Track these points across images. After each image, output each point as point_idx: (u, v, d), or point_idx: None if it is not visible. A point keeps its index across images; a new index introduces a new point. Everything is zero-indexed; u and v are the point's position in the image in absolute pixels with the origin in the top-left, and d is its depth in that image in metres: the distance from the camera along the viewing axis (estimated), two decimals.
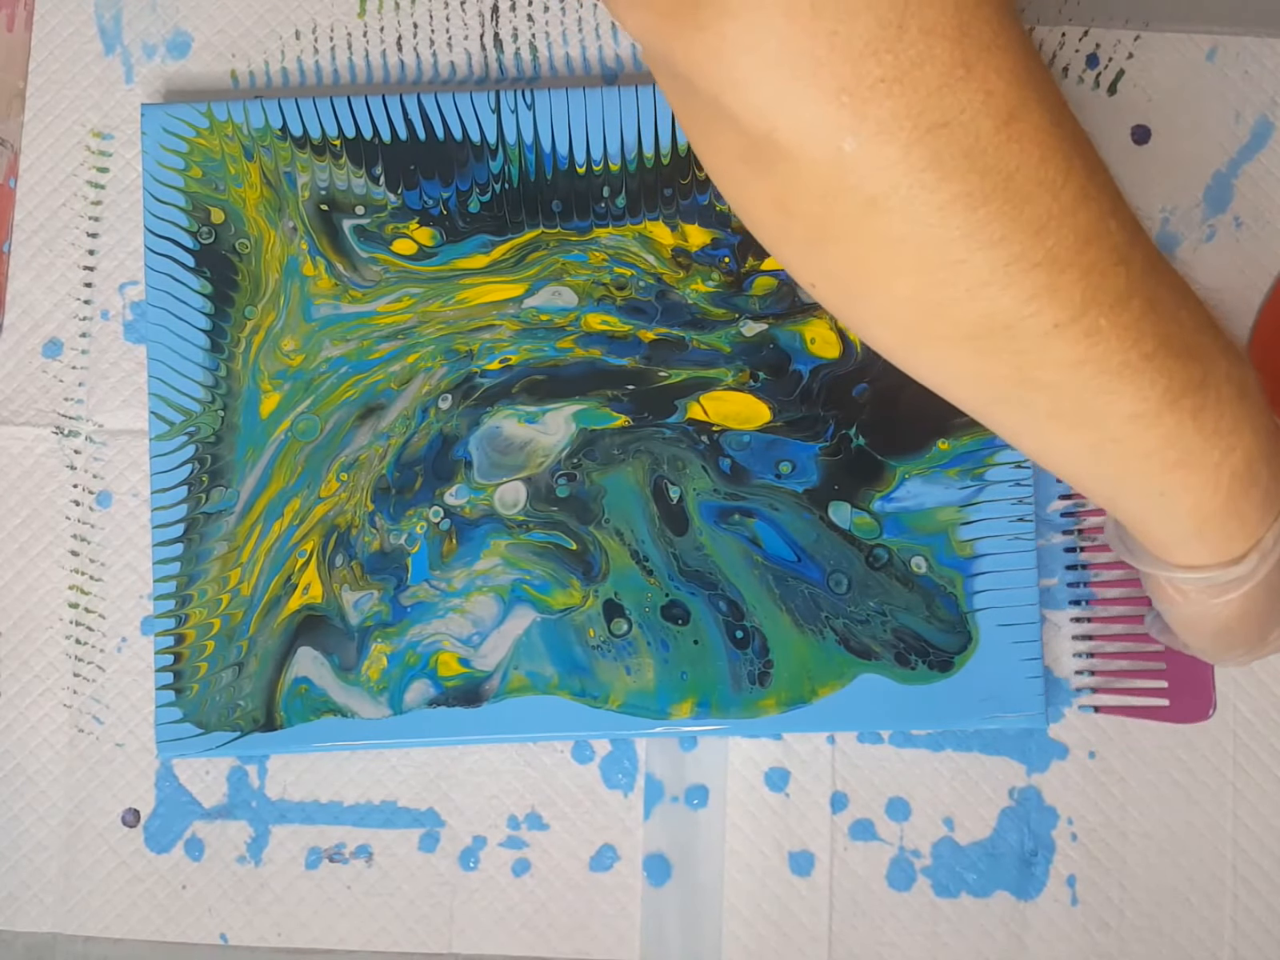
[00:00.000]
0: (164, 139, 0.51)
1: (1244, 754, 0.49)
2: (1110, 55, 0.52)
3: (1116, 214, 0.32)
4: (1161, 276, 0.33)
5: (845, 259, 0.33)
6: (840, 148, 0.30)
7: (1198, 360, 0.34)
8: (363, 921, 0.49)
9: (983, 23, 0.30)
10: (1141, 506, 0.37)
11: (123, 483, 0.51)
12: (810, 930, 0.48)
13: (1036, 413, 0.35)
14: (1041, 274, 0.31)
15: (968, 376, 0.35)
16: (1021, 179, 0.31)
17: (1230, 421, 0.34)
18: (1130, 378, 0.33)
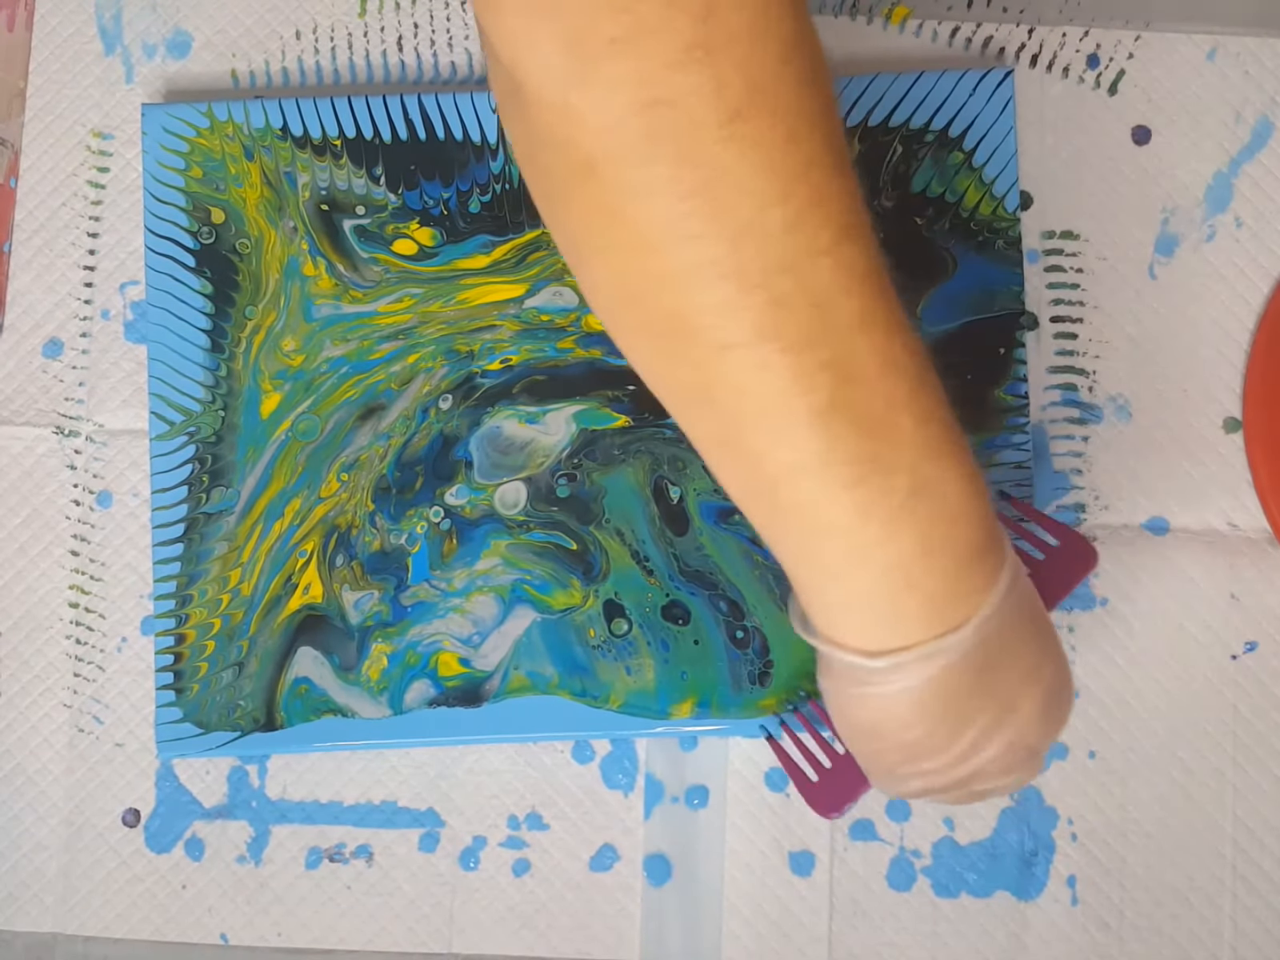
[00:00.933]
0: (164, 139, 0.51)
1: (1244, 754, 0.49)
2: (1111, 55, 0.52)
3: (835, 253, 0.31)
4: (875, 341, 0.32)
5: (568, 222, 0.33)
6: (568, 98, 0.29)
7: (873, 436, 0.32)
8: (363, 921, 0.49)
9: (736, 11, 0.29)
10: (792, 563, 0.35)
11: (123, 483, 0.51)
12: (810, 930, 0.48)
13: (709, 433, 0.34)
14: (728, 287, 0.30)
15: (654, 374, 0.34)
16: (732, 182, 0.30)
17: (890, 513, 0.32)
18: (792, 425, 0.31)
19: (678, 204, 0.30)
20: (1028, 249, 0.51)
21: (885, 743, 0.36)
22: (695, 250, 0.30)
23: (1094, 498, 0.50)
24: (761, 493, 0.34)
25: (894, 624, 0.34)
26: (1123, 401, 0.50)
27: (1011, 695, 0.36)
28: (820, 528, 0.33)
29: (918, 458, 0.33)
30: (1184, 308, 0.51)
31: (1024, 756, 0.37)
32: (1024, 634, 0.36)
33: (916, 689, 0.35)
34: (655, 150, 0.29)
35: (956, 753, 0.36)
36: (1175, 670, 0.49)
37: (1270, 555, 0.50)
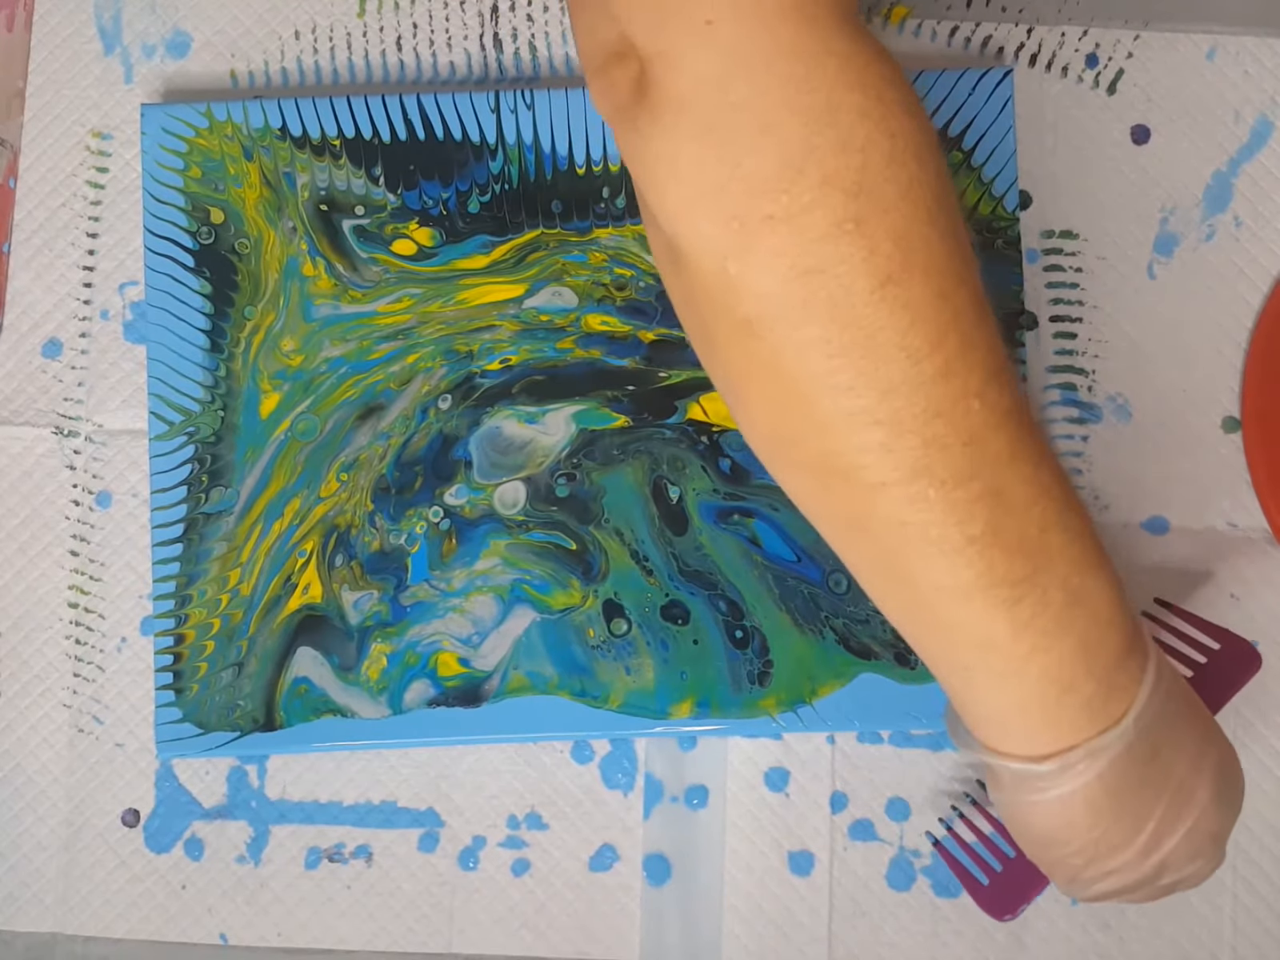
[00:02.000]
0: (163, 139, 0.51)
1: (1244, 754, 0.48)
2: (1110, 55, 0.52)
3: (984, 396, 0.32)
4: (1024, 471, 0.33)
5: (725, 369, 0.35)
6: (726, 268, 0.32)
7: (1029, 557, 0.33)
8: (362, 921, 0.49)
9: (885, 183, 0.31)
10: (952, 678, 0.37)
11: (122, 483, 0.51)
12: (810, 930, 0.48)
13: (865, 557, 0.36)
14: (880, 432, 0.32)
15: (809, 505, 0.36)
16: (884, 340, 0.31)
17: (1046, 626, 0.34)
18: (947, 553, 0.33)
19: (830, 361, 0.32)
20: (1027, 248, 0.51)
21: (1067, 848, 0.37)
22: (848, 400, 0.32)
23: (1094, 497, 0.50)
24: (920, 614, 0.36)
25: (1055, 728, 0.35)
26: (1122, 401, 0.50)
27: (1182, 784, 0.37)
28: (979, 644, 0.35)
29: (1069, 572, 0.34)
30: (1183, 307, 0.51)
31: (1206, 843, 0.38)
32: (1183, 721, 0.37)
33: (1087, 788, 0.36)
34: (809, 315, 0.31)
35: (1139, 848, 0.37)
36: None
37: (1270, 555, 0.50)
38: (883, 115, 0.31)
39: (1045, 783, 0.36)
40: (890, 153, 0.31)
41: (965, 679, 0.36)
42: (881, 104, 0.31)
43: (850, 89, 0.31)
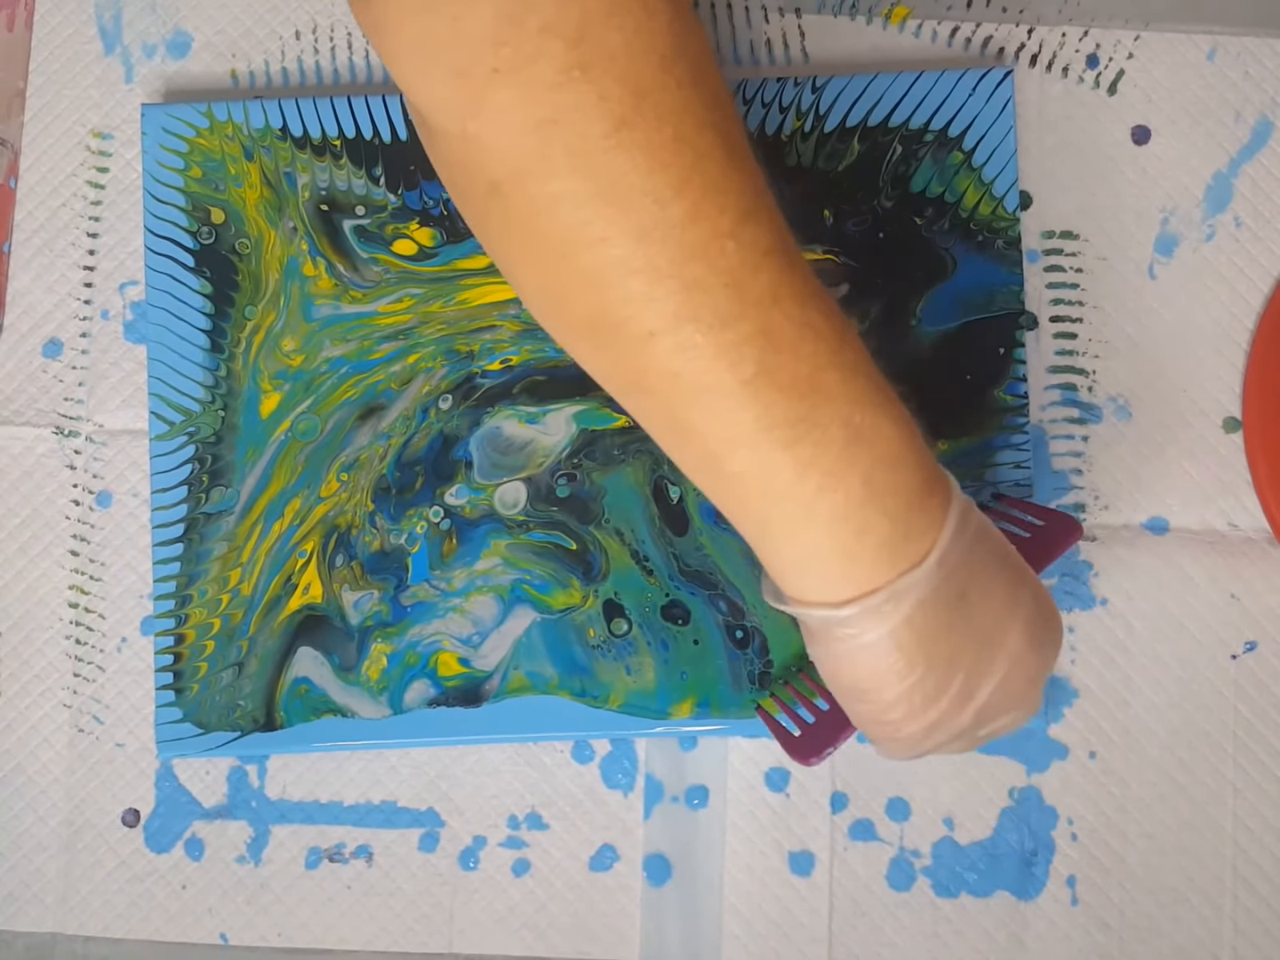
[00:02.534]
0: (164, 139, 0.51)
1: (1244, 754, 0.49)
2: (1110, 55, 0.52)
3: (738, 236, 0.33)
4: (790, 310, 0.33)
5: (487, 235, 0.35)
6: (464, 128, 0.32)
7: (804, 396, 0.34)
8: (363, 921, 0.49)
9: (610, 30, 0.31)
10: (749, 530, 0.37)
11: (123, 483, 0.51)
12: (810, 930, 0.48)
13: (653, 418, 0.36)
14: (639, 280, 0.32)
15: (593, 369, 0.37)
16: (627, 185, 0.32)
17: (829, 465, 0.34)
18: (723, 398, 0.33)
19: (579, 212, 0.32)
20: (1027, 249, 0.51)
21: (882, 699, 0.37)
22: (603, 251, 0.32)
23: (1094, 497, 0.50)
24: (709, 468, 0.36)
25: (854, 571, 0.35)
26: (1122, 401, 0.50)
27: (994, 629, 0.37)
28: (767, 492, 0.35)
29: (850, 410, 0.34)
30: (1184, 307, 0.51)
31: (1022, 688, 0.38)
32: (991, 567, 0.37)
33: (894, 633, 0.35)
34: (550, 166, 0.32)
35: (954, 695, 0.36)
36: (1175, 670, 0.49)
37: (1270, 555, 0.50)
38: None
39: (851, 629, 0.36)
40: (610, 2, 0.31)
41: (760, 529, 0.36)
42: None
43: None
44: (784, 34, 0.52)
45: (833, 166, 0.50)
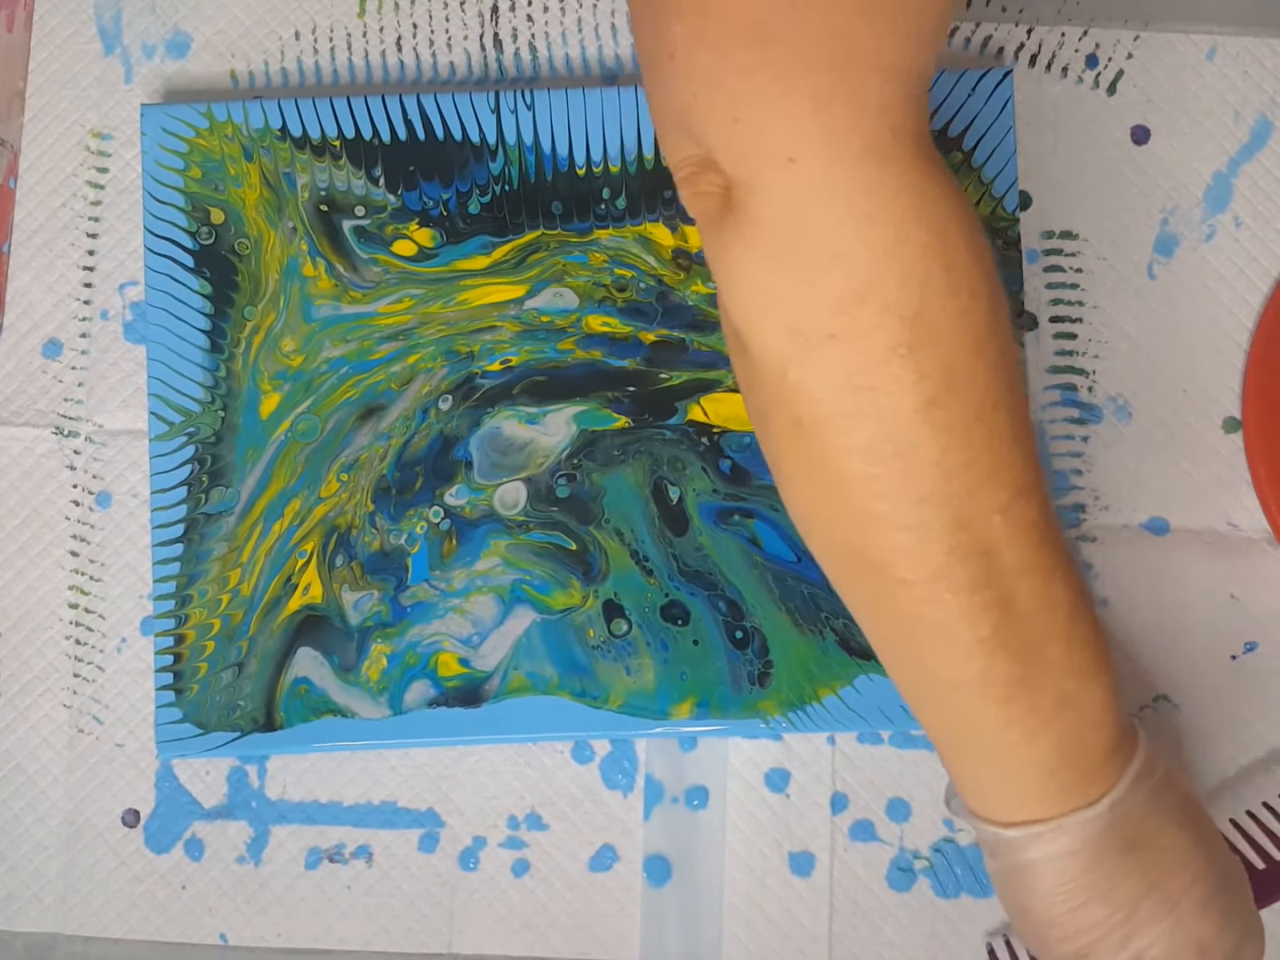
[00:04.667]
0: (164, 139, 0.51)
1: (1245, 755, 0.49)
2: (1110, 55, 0.52)
3: (1009, 512, 0.35)
4: (1034, 583, 0.36)
5: (774, 453, 0.38)
6: (786, 372, 0.34)
7: (1026, 662, 0.36)
8: (362, 922, 0.49)
9: (940, 314, 0.33)
10: (945, 750, 0.39)
11: (122, 483, 0.51)
12: (810, 931, 0.48)
13: (881, 636, 0.39)
14: (908, 536, 0.35)
15: (836, 581, 0.39)
16: (921, 456, 0.34)
17: (1037, 723, 0.36)
18: (955, 649, 0.36)
19: (871, 468, 0.34)
20: (1027, 249, 0.51)
21: (1040, 917, 0.38)
22: (882, 504, 0.35)
23: (1094, 498, 0.50)
24: (923, 693, 0.39)
25: (1031, 804, 0.38)
26: (1122, 401, 0.50)
27: (1165, 885, 0.38)
28: (971, 729, 0.37)
29: (1063, 680, 0.36)
30: (1183, 308, 0.51)
31: (1190, 950, 0.38)
32: (1170, 823, 0.39)
33: (1054, 861, 0.37)
34: (857, 425, 0.34)
35: (1108, 933, 0.38)
36: (1175, 670, 0.49)
37: (1270, 555, 0.50)
38: (943, 250, 0.33)
39: (1015, 849, 0.38)
40: (947, 286, 0.33)
41: (956, 753, 0.39)
42: (944, 240, 0.33)
43: (917, 224, 0.33)
44: None
45: None
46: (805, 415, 0.35)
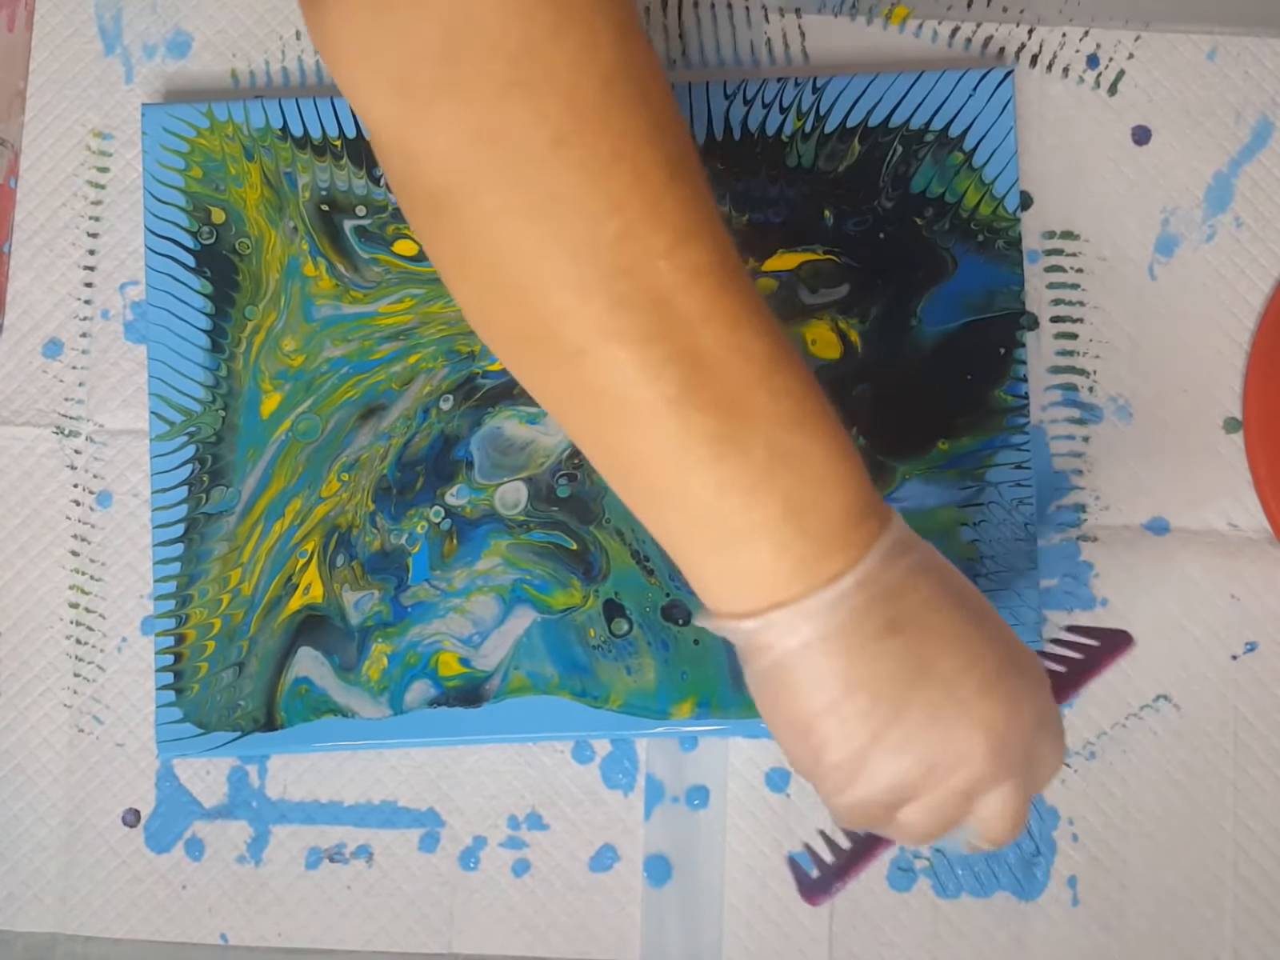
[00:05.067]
0: (164, 139, 0.51)
1: (1245, 754, 0.49)
2: (1111, 55, 0.52)
3: (672, 256, 0.33)
4: (719, 332, 0.33)
5: (429, 247, 0.36)
6: (404, 139, 0.33)
7: (727, 416, 0.34)
8: (363, 921, 0.49)
9: (553, 49, 0.32)
10: (672, 545, 0.36)
11: (123, 483, 0.51)
12: (811, 931, 0.48)
13: (581, 431, 0.37)
14: (569, 295, 0.33)
15: (527, 383, 0.37)
16: (562, 202, 0.32)
17: (750, 484, 0.34)
18: (645, 415, 0.34)
19: (513, 226, 0.33)
20: (1028, 249, 0.51)
21: (801, 721, 0.35)
22: (536, 266, 0.33)
23: (1094, 498, 0.50)
24: (633, 482, 0.36)
25: (769, 586, 0.34)
26: (1123, 402, 0.50)
27: (938, 667, 0.34)
28: (687, 507, 0.35)
29: (774, 432, 0.34)
30: (1184, 308, 0.51)
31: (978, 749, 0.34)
32: (935, 605, 0.35)
33: (807, 649, 0.34)
34: (487, 181, 0.33)
35: (880, 727, 0.34)
36: (1175, 671, 0.49)
37: (1271, 555, 0.49)
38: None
39: (765, 640, 0.35)
40: (555, 23, 0.32)
41: (683, 543, 0.36)
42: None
43: None
44: (784, 34, 0.52)
45: (833, 167, 0.50)
46: (436, 185, 0.33)
